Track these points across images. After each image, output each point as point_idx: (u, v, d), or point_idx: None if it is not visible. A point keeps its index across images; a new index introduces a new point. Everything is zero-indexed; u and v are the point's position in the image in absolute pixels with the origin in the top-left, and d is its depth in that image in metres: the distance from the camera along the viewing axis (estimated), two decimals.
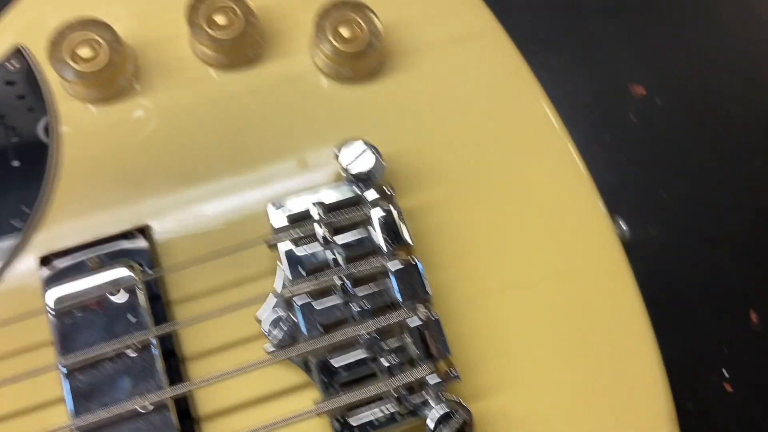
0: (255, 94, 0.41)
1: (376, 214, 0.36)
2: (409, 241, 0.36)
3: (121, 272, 0.35)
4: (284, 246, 0.36)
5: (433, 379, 0.34)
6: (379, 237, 0.36)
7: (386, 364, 0.34)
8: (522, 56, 0.43)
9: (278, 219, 0.36)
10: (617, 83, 0.54)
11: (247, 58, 0.41)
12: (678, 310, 0.50)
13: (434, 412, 0.33)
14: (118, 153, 0.39)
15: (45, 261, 0.36)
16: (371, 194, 0.37)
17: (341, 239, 0.36)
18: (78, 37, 0.38)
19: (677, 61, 0.55)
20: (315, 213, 0.36)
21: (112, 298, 0.34)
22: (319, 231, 0.36)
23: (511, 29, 0.44)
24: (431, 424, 0.33)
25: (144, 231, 0.37)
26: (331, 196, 0.37)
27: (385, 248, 0.36)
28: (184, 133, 0.40)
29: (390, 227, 0.36)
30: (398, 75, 0.42)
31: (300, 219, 0.36)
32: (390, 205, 0.37)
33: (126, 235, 0.37)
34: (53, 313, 0.34)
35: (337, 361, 0.34)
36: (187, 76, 0.41)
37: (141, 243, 0.37)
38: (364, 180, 0.37)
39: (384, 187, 0.37)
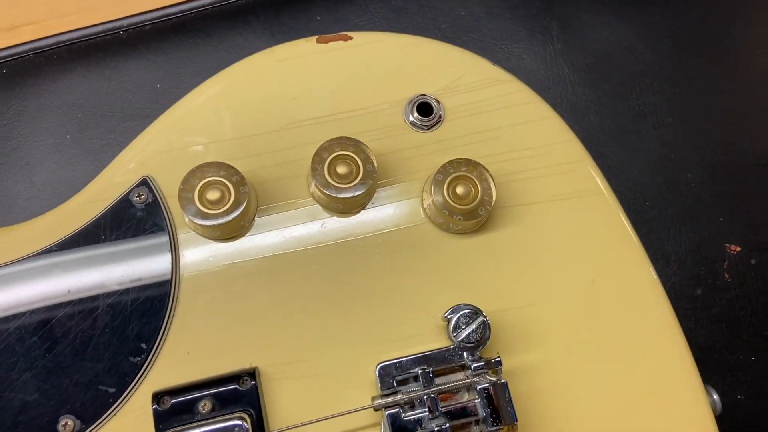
0: (364, 240, 0.42)
1: (482, 385, 0.37)
2: (514, 420, 0.37)
3: (235, 423, 0.36)
4: (389, 410, 0.37)
5: None
6: (483, 409, 0.37)
7: None
8: (625, 215, 0.44)
9: (385, 383, 0.37)
10: (714, 241, 0.54)
11: (361, 203, 0.43)
12: None
13: None
14: (233, 289, 0.40)
15: (157, 398, 0.37)
16: (478, 362, 0.38)
17: (446, 407, 0.37)
18: (207, 179, 0.40)
19: None
20: (421, 379, 0.37)
21: None
22: (425, 399, 0.37)
23: (615, 186, 0.44)
24: None
25: (252, 373, 0.38)
26: (438, 359, 0.38)
27: (488, 422, 0.36)
28: (296, 276, 0.41)
29: (495, 402, 0.37)
30: (505, 229, 0.43)
31: (406, 382, 0.37)
32: (496, 377, 0.37)
33: (236, 377, 0.38)
34: None
35: None
36: (303, 217, 0.42)
37: (249, 386, 0.38)
38: (471, 348, 0.38)
39: (493, 359, 0.38)
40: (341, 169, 0.41)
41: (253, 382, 0.38)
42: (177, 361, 0.39)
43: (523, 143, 0.44)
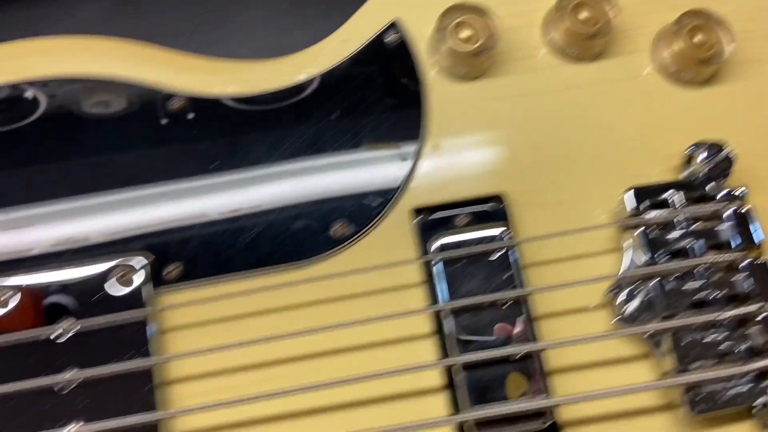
0: (596, 87, 0.44)
1: (729, 211, 0.39)
2: (756, 242, 0.39)
3: (497, 232, 0.39)
4: (638, 229, 0.39)
5: None
6: (731, 230, 0.39)
7: (738, 348, 0.37)
8: None
9: (635, 204, 0.40)
10: None
11: (594, 52, 0.45)
12: None
13: None
14: (479, 121, 0.43)
15: (419, 212, 0.41)
16: (723, 192, 0.40)
17: (694, 229, 0.39)
18: (458, 19, 0.43)
19: None
20: (672, 203, 0.39)
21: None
22: (677, 219, 0.39)
23: None
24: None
25: (500, 198, 0.41)
26: (684, 187, 0.40)
27: (735, 245, 0.39)
28: (535, 115, 0.44)
29: (741, 226, 0.39)
30: (730, 83, 0.44)
31: (655, 208, 0.40)
32: (742, 204, 0.39)
33: (486, 200, 0.41)
34: (436, 259, 0.39)
35: (690, 339, 0.37)
36: (536, 63, 0.45)
37: (499, 208, 0.41)
38: (717, 177, 0.40)
39: (737, 191, 0.40)
40: (583, 15, 0.43)
41: (502, 205, 0.41)
42: (431, 182, 0.42)
43: (751, 4, 0.46)
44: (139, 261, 0.39)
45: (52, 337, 0.36)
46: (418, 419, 0.37)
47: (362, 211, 0.41)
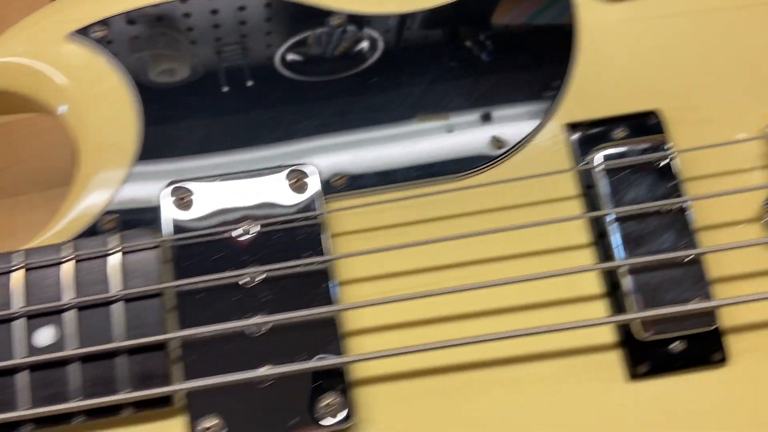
0: (741, 11, 0.45)
1: None
2: None
3: (657, 143, 0.40)
4: None
5: None
6: None
7: None
8: None
9: None
10: None
11: None
12: None
13: None
14: (631, 37, 0.44)
15: (572, 127, 0.42)
16: None
17: None
18: None
19: None
20: None
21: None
22: None
23: None
24: None
25: (655, 113, 0.42)
26: None
27: None
28: (676, 36, 0.44)
29: None
30: None
31: None
32: None
33: (641, 115, 0.42)
34: (602, 170, 0.40)
35: None
36: None
37: (655, 122, 0.41)
38: None
39: None
40: None
41: (658, 120, 0.41)
42: (583, 98, 0.43)
43: None
44: (310, 169, 0.40)
45: (233, 234, 0.38)
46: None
47: (518, 125, 0.42)
